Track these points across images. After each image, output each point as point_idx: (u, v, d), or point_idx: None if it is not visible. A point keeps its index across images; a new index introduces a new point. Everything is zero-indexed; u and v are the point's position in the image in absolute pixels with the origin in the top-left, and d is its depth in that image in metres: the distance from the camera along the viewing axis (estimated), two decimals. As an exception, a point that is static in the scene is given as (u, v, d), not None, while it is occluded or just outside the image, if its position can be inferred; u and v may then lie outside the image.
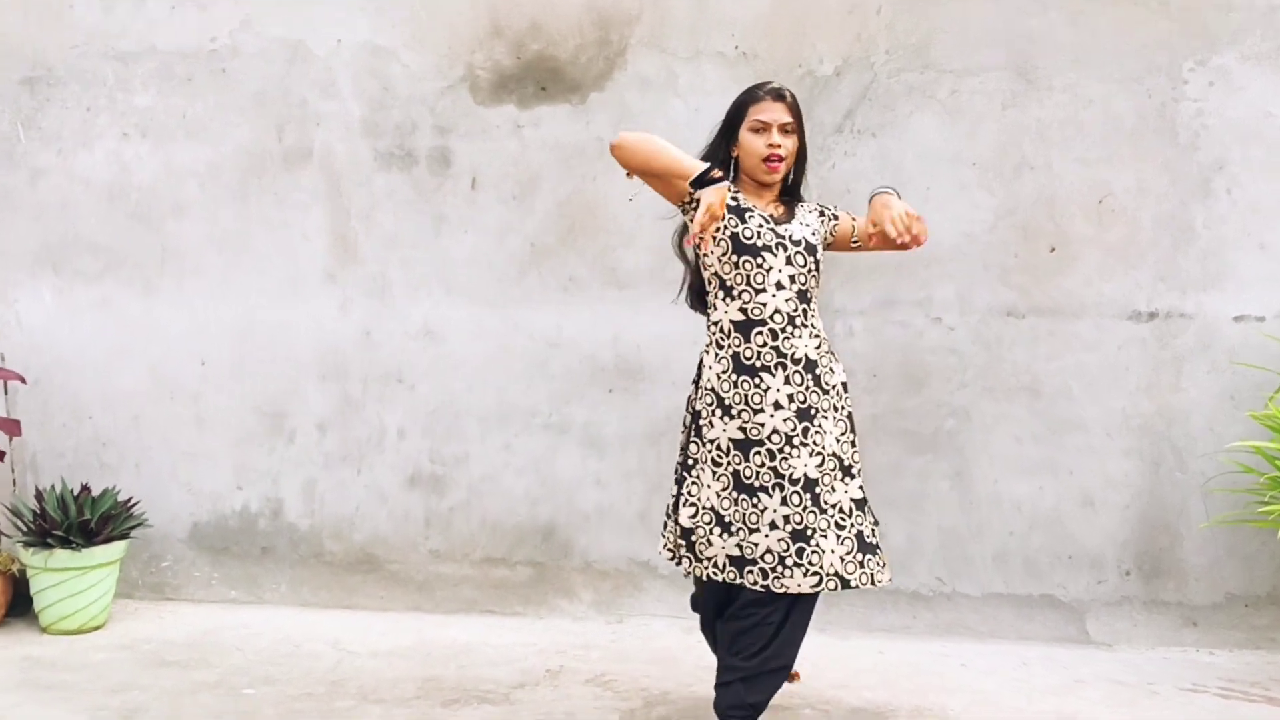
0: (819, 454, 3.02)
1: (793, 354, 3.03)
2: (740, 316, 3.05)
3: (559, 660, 3.94)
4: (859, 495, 3.08)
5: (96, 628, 4.25)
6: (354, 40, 4.37)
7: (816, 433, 3.02)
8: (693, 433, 3.14)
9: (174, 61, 4.45)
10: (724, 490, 3.04)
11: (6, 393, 4.54)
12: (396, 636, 4.18)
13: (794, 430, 3.00)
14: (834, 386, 3.09)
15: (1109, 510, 4.12)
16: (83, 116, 4.51)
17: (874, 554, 3.06)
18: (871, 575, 3.04)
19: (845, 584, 3.00)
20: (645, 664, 3.90)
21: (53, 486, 4.41)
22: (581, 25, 4.26)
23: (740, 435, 3.03)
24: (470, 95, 4.34)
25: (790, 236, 3.07)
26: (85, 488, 4.37)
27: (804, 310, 3.06)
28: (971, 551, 4.19)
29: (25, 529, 4.26)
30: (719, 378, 3.07)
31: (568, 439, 4.38)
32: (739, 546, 3.02)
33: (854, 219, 3.23)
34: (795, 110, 3.13)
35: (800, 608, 3.07)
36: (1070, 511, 4.14)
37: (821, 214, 3.22)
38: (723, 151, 3.18)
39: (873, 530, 3.08)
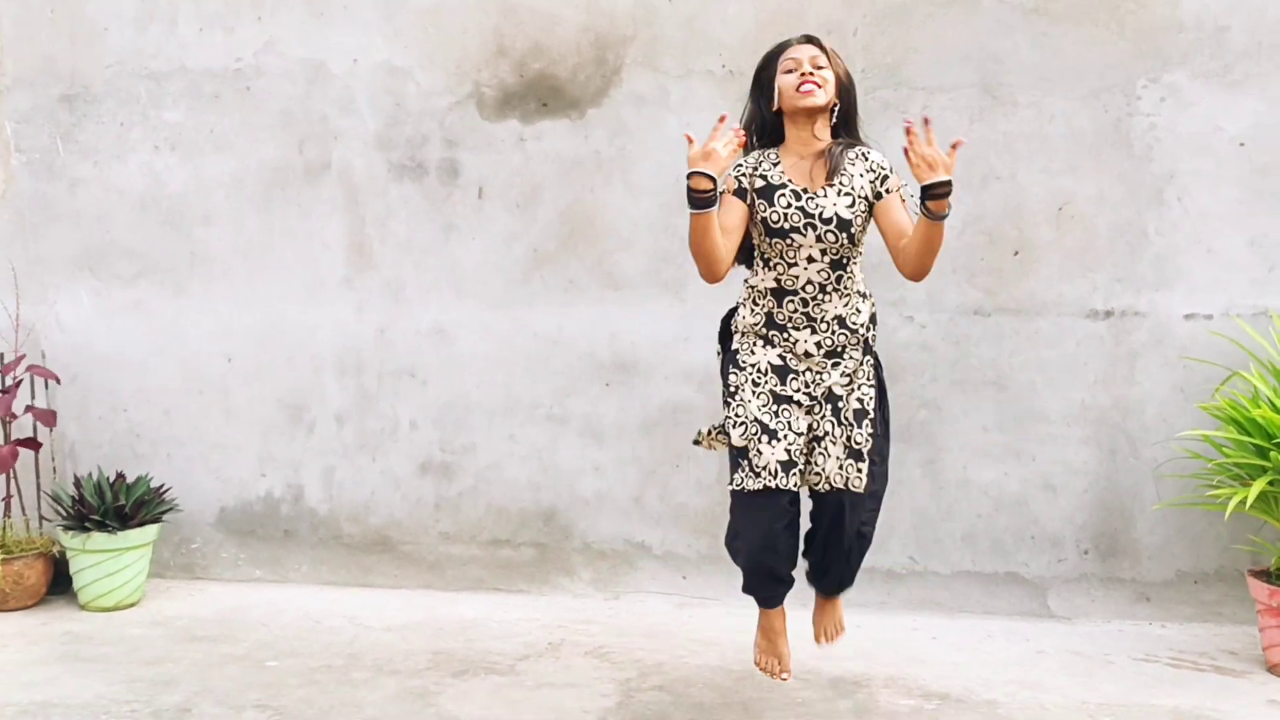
0: (847, 374, 3.10)
1: (823, 316, 3.10)
2: (774, 285, 3.11)
3: (560, 634, 4.04)
4: (859, 406, 3.09)
5: (131, 605, 4.36)
6: (370, 60, 4.48)
7: (848, 359, 3.12)
8: (730, 365, 3.17)
9: (202, 80, 4.58)
10: (764, 405, 3.08)
11: (47, 388, 4.68)
12: (409, 612, 4.27)
13: (823, 366, 3.11)
14: (860, 324, 3.12)
15: (1069, 494, 4.23)
16: (117, 131, 4.64)
17: (857, 460, 3.07)
18: (847, 479, 3.07)
19: (831, 486, 3.08)
20: (641, 637, 4.00)
21: (90, 474, 4.52)
22: (580, 46, 4.39)
23: (780, 362, 3.12)
24: (477, 111, 4.47)
25: (821, 214, 3.02)
26: (120, 475, 4.48)
27: (838, 276, 3.07)
28: (942, 532, 4.31)
29: (65, 514, 4.37)
30: (754, 325, 3.15)
31: (568, 430, 4.51)
32: (786, 451, 3.05)
33: (904, 205, 3.11)
34: (828, 53, 3.06)
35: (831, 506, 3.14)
36: (1033, 495, 4.24)
37: (875, 175, 3.10)
38: (760, 113, 3.12)
39: (867, 437, 3.08)
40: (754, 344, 3.15)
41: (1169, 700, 3.48)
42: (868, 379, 3.14)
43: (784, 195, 3.06)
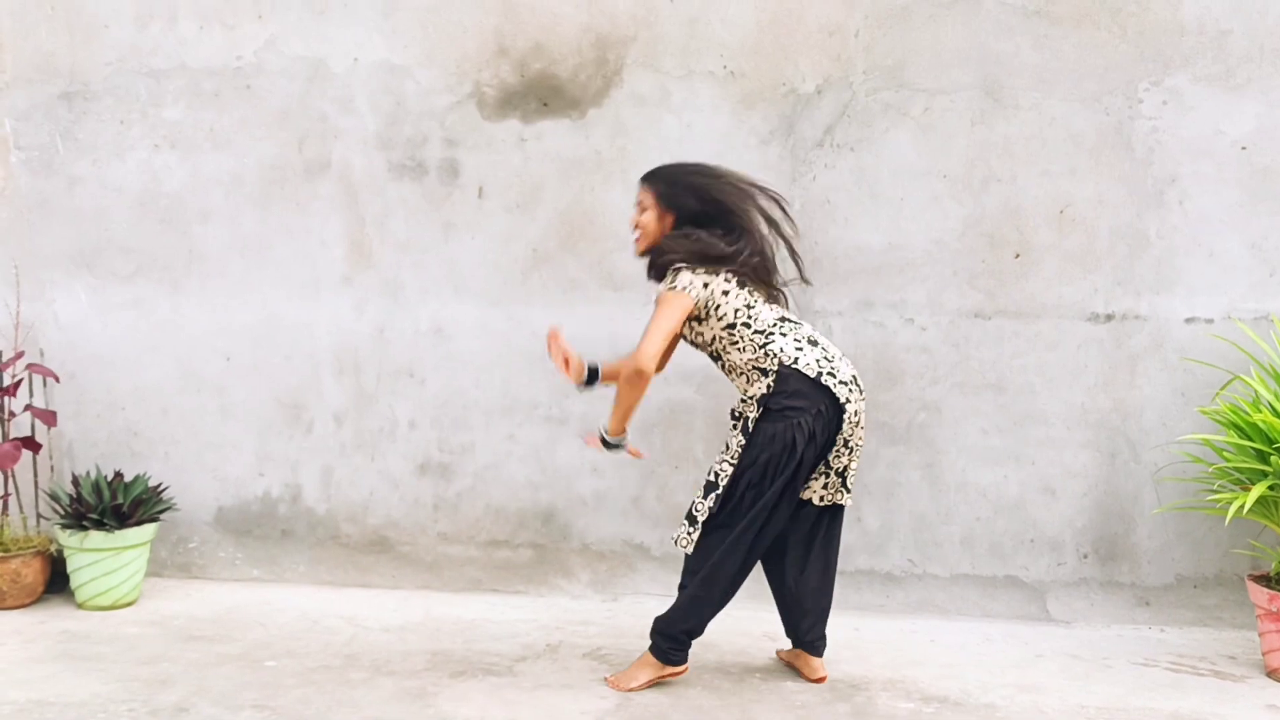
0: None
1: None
2: None
3: (558, 635, 4.05)
4: (710, 478, 3.47)
5: (128, 604, 4.35)
6: (370, 59, 4.48)
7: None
8: None
9: (202, 78, 4.58)
10: None
11: (45, 386, 4.68)
12: (407, 613, 4.28)
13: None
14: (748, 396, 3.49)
15: (1068, 498, 4.24)
16: (116, 129, 4.64)
17: (683, 524, 3.49)
18: (676, 538, 3.50)
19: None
20: (639, 639, 3.93)
21: (88, 473, 4.53)
22: (581, 46, 4.40)
23: None
24: (478, 110, 4.47)
25: None
26: (118, 474, 4.47)
27: (721, 365, 3.58)
28: (940, 535, 4.31)
29: (62, 512, 4.36)
30: None
31: (567, 430, 4.51)
32: None
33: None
34: (651, 189, 3.53)
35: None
36: (1032, 499, 4.25)
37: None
38: None
39: (697, 505, 3.46)
40: None
41: (1168, 704, 3.48)
42: (731, 455, 3.46)
43: None
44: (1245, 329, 4.07)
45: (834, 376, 3.40)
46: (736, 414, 3.50)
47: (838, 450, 3.44)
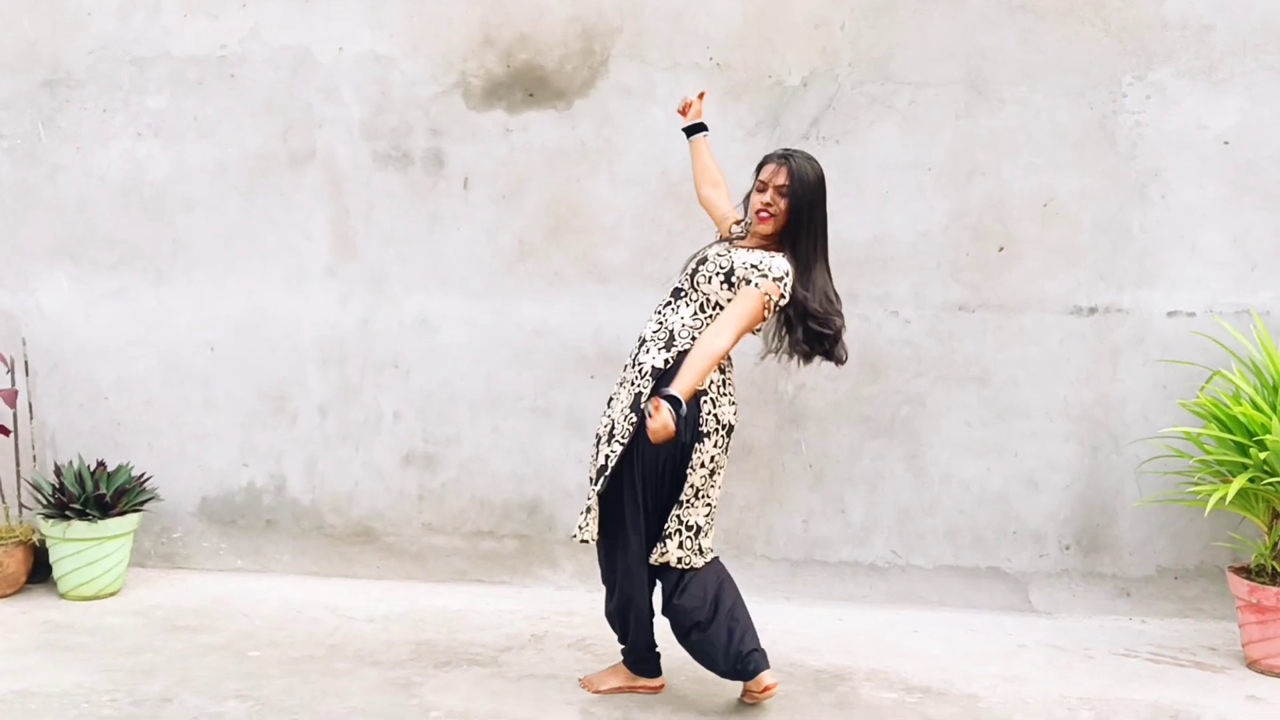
0: (608, 416, 3.32)
1: (640, 334, 3.37)
2: None
3: (543, 626, 4.06)
4: (602, 462, 3.26)
5: (111, 594, 4.34)
6: (356, 49, 4.47)
7: (614, 398, 3.33)
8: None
9: (186, 67, 4.55)
10: None
11: (28, 374, 4.66)
12: (392, 603, 4.28)
13: (616, 394, 3.34)
14: (642, 364, 3.26)
15: (1051, 490, 4.26)
16: (100, 117, 4.61)
17: (585, 515, 3.29)
18: (580, 528, 3.29)
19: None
20: None
21: (70, 463, 4.51)
22: (567, 36, 4.39)
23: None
24: (463, 101, 4.46)
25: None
26: (101, 464, 4.46)
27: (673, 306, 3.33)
28: (924, 527, 4.33)
29: (45, 502, 4.35)
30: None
31: (552, 422, 4.51)
32: None
33: (743, 291, 3.21)
34: (794, 175, 3.23)
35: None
36: (1015, 491, 4.28)
37: (755, 261, 3.23)
38: (745, 206, 3.43)
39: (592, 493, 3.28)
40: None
41: (1149, 695, 3.51)
42: (620, 435, 3.27)
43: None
44: (1226, 325, 4.10)
45: None
46: (627, 379, 3.30)
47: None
